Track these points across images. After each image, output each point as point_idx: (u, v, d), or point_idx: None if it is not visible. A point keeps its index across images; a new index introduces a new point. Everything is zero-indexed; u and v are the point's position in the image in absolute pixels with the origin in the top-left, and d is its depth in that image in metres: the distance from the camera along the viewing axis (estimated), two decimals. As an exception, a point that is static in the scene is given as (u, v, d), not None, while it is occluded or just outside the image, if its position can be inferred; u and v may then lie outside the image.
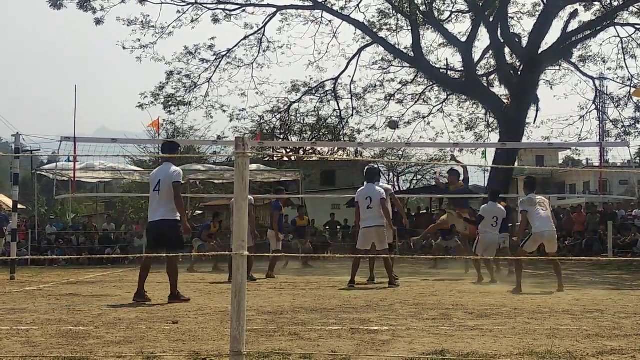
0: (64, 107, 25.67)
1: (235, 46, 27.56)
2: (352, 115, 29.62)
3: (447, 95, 28.93)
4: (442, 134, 29.80)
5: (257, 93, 29.56)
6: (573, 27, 25.50)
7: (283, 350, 4.47)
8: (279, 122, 31.14)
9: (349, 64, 28.24)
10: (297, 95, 29.31)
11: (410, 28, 25.98)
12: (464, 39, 26.39)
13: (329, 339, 5.02)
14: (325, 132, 32.32)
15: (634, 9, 25.33)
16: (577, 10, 25.57)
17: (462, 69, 26.98)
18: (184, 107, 27.98)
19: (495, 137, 27.34)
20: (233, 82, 34.80)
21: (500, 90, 26.90)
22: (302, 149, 34.56)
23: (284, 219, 16.86)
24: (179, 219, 7.92)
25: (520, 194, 16.00)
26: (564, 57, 26.52)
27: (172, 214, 7.87)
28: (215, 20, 26.58)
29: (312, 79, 29.38)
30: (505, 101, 25.55)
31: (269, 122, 30.61)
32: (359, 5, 26.95)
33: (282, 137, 32.48)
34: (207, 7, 26.40)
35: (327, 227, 24.44)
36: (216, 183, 28.25)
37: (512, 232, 12.30)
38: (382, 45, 27.26)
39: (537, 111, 26.31)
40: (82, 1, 24.75)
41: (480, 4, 25.41)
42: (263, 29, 27.37)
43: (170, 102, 27.73)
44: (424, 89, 29.07)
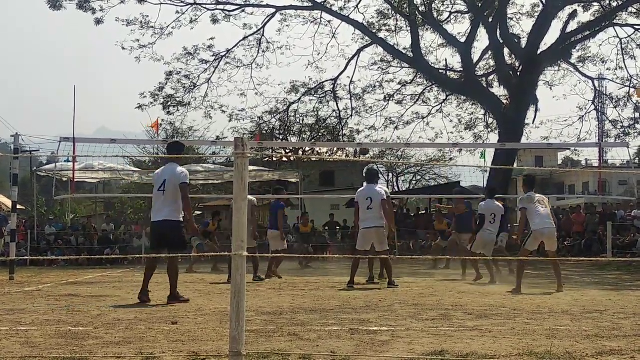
0: (63, 107, 25.66)
1: (235, 46, 27.62)
2: (352, 115, 29.68)
3: (447, 96, 28.95)
4: (441, 134, 29.87)
5: (257, 94, 29.59)
6: (572, 27, 25.58)
7: (282, 351, 4.46)
8: (278, 123, 31.16)
9: (348, 64, 28.30)
10: (296, 95, 29.36)
11: (410, 29, 26.01)
12: (463, 39, 26.43)
13: (328, 339, 5.01)
14: (325, 133, 32.32)
15: (633, 9, 25.35)
16: (576, 10, 25.60)
17: (462, 69, 27.00)
18: (183, 107, 28.02)
19: (494, 138, 27.38)
20: (232, 83, 34.86)
21: (499, 90, 26.97)
22: (302, 150, 34.57)
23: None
24: (182, 220, 7.92)
25: (519, 194, 16.01)
26: (563, 58, 26.54)
27: (176, 214, 7.85)
28: (214, 20, 26.60)
29: (311, 80, 29.45)
30: (505, 102, 25.57)
31: (268, 123, 30.64)
32: (358, 6, 27.02)
33: (282, 137, 32.48)
34: (206, 8, 26.44)
35: (327, 227, 24.44)
36: (215, 183, 28.24)
37: (511, 231, 12.33)
38: (381, 46, 27.27)
39: (536, 112, 26.37)
40: (82, 2, 24.75)
41: (480, 5, 25.42)
42: (262, 30, 27.42)
43: (169, 103, 27.74)
44: (423, 90, 29.12)
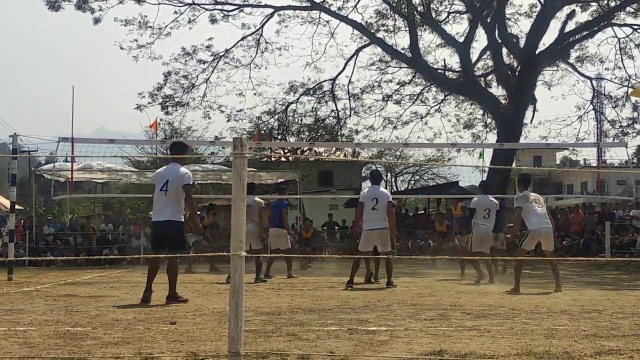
0: (63, 107, 25.65)
1: (233, 47, 27.59)
2: (350, 115, 29.67)
3: (445, 96, 28.95)
4: (440, 134, 29.87)
5: (255, 94, 29.57)
6: (570, 27, 25.57)
7: (281, 351, 4.46)
8: (277, 123, 31.14)
9: (346, 64, 28.29)
10: (294, 95, 29.35)
11: (408, 29, 26.00)
12: (461, 39, 26.43)
13: (327, 339, 5.02)
14: (323, 133, 32.31)
15: (631, 9, 25.37)
16: (575, 10, 25.61)
17: (460, 69, 27.00)
18: (181, 107, 28.00)
19: (493, 138, 27.37)
20: (231, 83, 34.77)
21: (497, 90, 26.97)
22: (300, 150, 34.55)
23: None
24: (183, 220, 7.92)
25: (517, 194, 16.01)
26: (561, 58, 26.55)
27: (178, 215, 7.85)
28: (212, 20, 26.57)
29: (309, 80, 29.44)
30: (503, 101, 25.58)
31: (267, 123, 30.62)
32: (356, 6, 27.00)
33: (280, 137, 32.47)
34: (204, 8, 26.41)
35: (325, 227, 24.45)
36: (214, 183, 28.22)
37: (505, 231, 12.31)
38: (379, 46, 27.27)
39: (534, 111, 26.37)
40: (80, 2, 24.73)
41: (478, 5, 25.44)
42: (261, 30, 27.40)
43: (167, 103, 27.72)
44: (422, 90, 29.11)
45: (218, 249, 14.16)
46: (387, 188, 40.16)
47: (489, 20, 25.44)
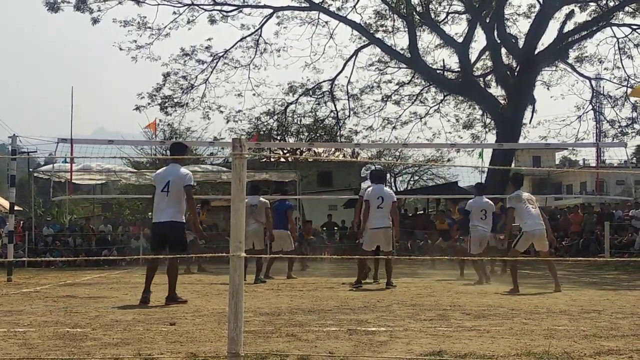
0: (63, 108, 25.74)
1: (232, 47, 27.59)
2: (349, 116, 29.68)
3: (444, 96, 28.96)
4: (439, 134, 29.88)
5: (254, 94, 29.56)
6: (569, 27, 25.58)
7: (280, 352, 4.46)
8: (276, 123, 31.13)
9: (345, 65, 28.30)
10: (293, 96, 29.34)
11: (407, 29, 26.01)
12: (460, 40, 26.44)
13: (327, 340, 5.01)
14: (322, 133, 32.31)
15: (630, 9, 25.38)
16: (574, 11, 25.62)
17: (459, 69, 27.01)
18: (180, 108, 27.99)
19: (492, 138, 27.38)
20: (230, 83, 34.77)
21: (497, 90, 26.98)
22: (299, 150, 34.55)
23: None
24: (184, 221, 7.92)
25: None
26: (560, 58, 26.56)
27: (180, 216, 7.85)
28: (212, 21, 26.56)
29: (309, 80, 29.43)
30: (502, 102, 25.59)
31: (266, 124, 30.61)
32: (355, 6, 27.01)
33: (279, 138, 32.47)
34: (203, 9, 26.40)
35: (324, 228, 24.45)
36: (213, 184, 28.21)
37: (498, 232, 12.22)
38: (378, 46, 27.27)
39: (533, 112, 26.39)
40: (79, 3, 24.73)
41: (477, 5, 25.44)
42: (260, 31, 27.41)
43: (167, 104, 27.70)
44: (421, 90, 29.12)
45: (211, 250, 14.18)
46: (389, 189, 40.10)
47: (487, 20, 25.45)
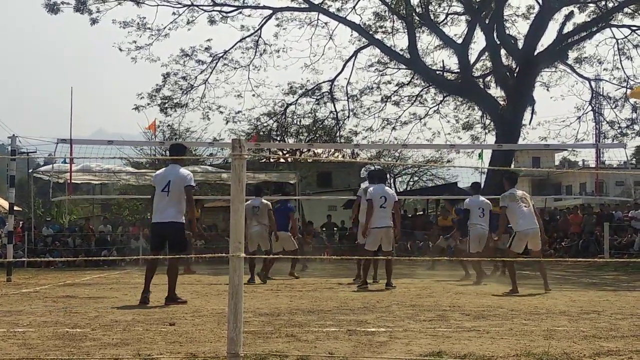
0: (63, 108, 25.74)
1: (232, 48, 27.59)
2: (349, 117, 29.68)
3: (444, 97, 28.96)
4: (438, 135, 29.88)
5: (254, 95, 29.57)
6: (568, 28, 25.60)
7: (280, 352, 4.46)
8: (276, 124, 31.12)
9: (345, 66, 28.30)
10: (293, 97, 29.35)
11: (407, 30, 26.02)
12: (459, 41, 26.45)
13: (326, 340, 5.01)
14: (322, 134, 32.31)
15: (629, 10, 25.40)
16: (573, 11, 25.64)
17: (458, 70, 27.02)
18: (180, 109, 27.98)
19: (491, 139, 27.38)
20: (229, 84, 34.71)
21: (496, 91, 26.99)
22: (299, 151, 34.55)
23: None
24: (184, 222, 7.93)
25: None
26: (559, 59, 26.57)
27: (180, 216, 7.85)
28: (211, 21, 26.57)
29: (308, 81, 29.43)
30: (502, 103, 25.60)
31: (265, 124, 30.59)
32: (355, 7, 27.02)
33: (279, 138, 32.46)
34: (202, 9, 26.41)
35: (324, 228, 24.44)
36: (213, 184, 28.20)
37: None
38: (378, 47, 27.28)
39: (532, 113, 26.40)
40: (78, 4, 24.73)
41: (476, 6, 25.45)
42: (259, 31, 27.41)
43: (166, 104, 27.70)
44: (420, 91, 29.11)
45: (210, 251, 14.13)
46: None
47: (487, 21, 25.46)
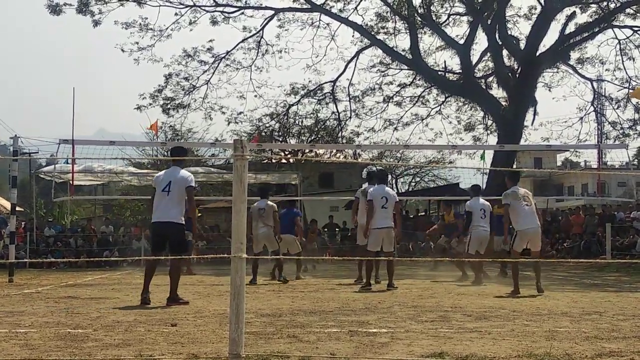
0: (63, 108, 25.67)
1: (234, 48, 27.59)
2: (351, 117, 29.68)
3: (446, 97, 28.95)
4: (440, 135, 29.86)
5: (256, 96, 29.52)
6: (570, 29, 25.57)
7: (282, 353, 4.46)
8: (277, 125, 31.11)
9: (347, 66, 28.27)
10: (295, 97, 29.35)
11: (408, 31, 26.01)
12: (461, 41, 26.44)
13: (328, 341, 5.02)
14: (324, 134, 32.30)
15: (631, 10, 25.37)
16: (575, 12, 25.62)
17: (460, 71, 27.00)
18: (182, 109, 27.99)
19: (493, 140, 27.36)
20: (232, 85, 34.76)
21: (498, 92, 26.97)
22: (301, 152, 34.55)
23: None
24: (184, 223, 7.94)
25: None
26: (561, 59, 26.55)
27: (180, 217, 7.88)
28: (213, 22, 26.58)
29: (310, 82, 29.42)
30: (504, 103, 25.58)
31: (267, 125, 30.59)
32: (356, 8, 27.02)
33: (281, 139, 32.47)
34: (205, 10, 26.43)
35: (326, 229, 24.44)
36: (215, 185, 28.23)
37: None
38: (380, 47, 27.27)
39: (534, 113, 26.36)
40: (81, 6, 24.77)
41: (478, 7, 25.44)
42: (261, 32, 27.42)
43: (168, 105, 27.71)
44: (423, 91, 29.10)
45: (212, 251, 14.08)
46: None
47: (489, 22, 25.44)
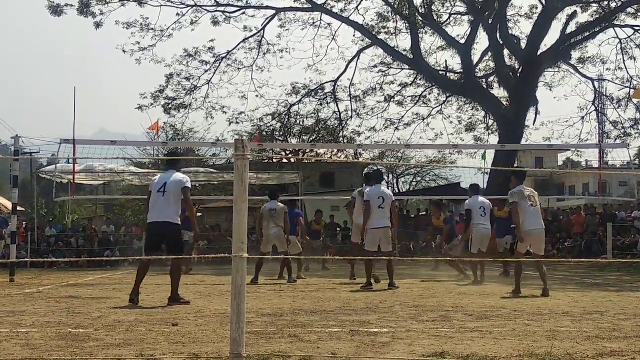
0: (63, 108, 25.70)
1: (235, 48, 27.61)
2: (352, 117, 29.68)
3: (447, 97, 28.93)
4: (441, 135, 29.85)
5: (257, 96, 29.51)
6: (572, 29, 25.55)
7: (283, 353, 4.46)
8: (279, 124, 31.11)
9: (348, 66, 28.29)
10: (296, 97, 29.35)
11: (410, 30, 26.00)
12: (463, 41, 26.42)
13: (329, 341, 5.01)
14: (325, 134, 32.29)
15: (632, 10, 25.35)
16: (576, 12, 25.60)
17: (462, 70, 26.99)
18: (184, 109, 28.00)
19: (494, 139, 27.36)
20: (233, 85, 34.78)
21: (499, 92, 26.96)
22: (302, 151, 34.55)
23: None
24: (180, 223, 7.97)
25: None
26: (563, 59, 26.53)
27: (176, 217, 7.92)
28: (214, 22, 26.60)
29: (311, 81, 29.43)
30: (505, 103, 25.56)
31: (268, 125, 30.60)
32: (357, 8, 27.02)
33: (282, 139, 32.47)
34: (206, 10, 26.44)
35: (327, 229, 24.42)
36: (216, 185, 28.23)
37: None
38: (381, 47, 27.27)
39: (536, 113, 26.35)
40: (82, 7, 24.78)
41: (479, 7, 25.43)
42: (262, 32, 27.43)
43: (170, 105, 27.73)
44: (424, 91, 29.10)
45: (214, 251, 14.07)
46: (388, 189, 39.98)
47: (490, 21, 25.42)
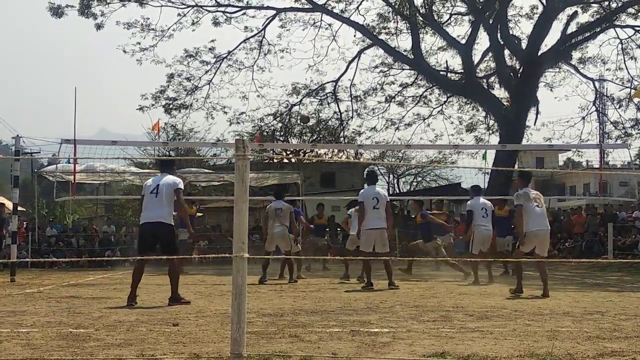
0: (64, 108, 25.72)
1: (236, 48, 27.61)
2: (352, 117, 29.69)
3: (448, 97, 28.93)
4: (442, 135, 29.85)
5: (258, 96, 29.53)
6: (572, 29, 25.55)
7: (283, 352, 4.47)
8: (279, 124, 31.12)
9: (348, 66, 28.28)
10: (297, 97, 29.36)
11: (410, 31, 26.00)
12: (463, 41, 26.43)
13: (330, 340, 5.02)
14: (325, 134, 32.29)
15: (633, 10, 25.34)
16: (577, 12, 25.60)
17: (462, 71, 26.99)
18: (184, 109, 28.01)
19: (495, 140, 27.35)
20: (234, 85, 34.78)
21: (500, 92, 26.95)
22: (302, 151, 34.56)
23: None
24: (173, 224, 8.03)
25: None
26: (563, 59, 26.53)
27: (170, 218, 7.96)
28: (215, 23, 26.60)
29: (312, 82, 29.44)
30: (505, 103, 25.56)
31: (269, 125, 30.60)
32: (358, 8, 27.02)
33: (282, 139, 32.48)
34: (207, 10, 26.44)
35: (327, 229, 24.41)
36: (216, 185, 28.23)
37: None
38: (381, 47, 27.26)
39: (537, 113, 26.34)
40: (83, 8, 24.79)
41: (480, 7, 25.43)
42: (263, 32, 27.43)
43: (171, 105, 27.74)
44: (424, 91, 29.09)
45: (214, 251, 14.03)
46: (389, 189, 40.04)
47: (490, 21, 25.42)
